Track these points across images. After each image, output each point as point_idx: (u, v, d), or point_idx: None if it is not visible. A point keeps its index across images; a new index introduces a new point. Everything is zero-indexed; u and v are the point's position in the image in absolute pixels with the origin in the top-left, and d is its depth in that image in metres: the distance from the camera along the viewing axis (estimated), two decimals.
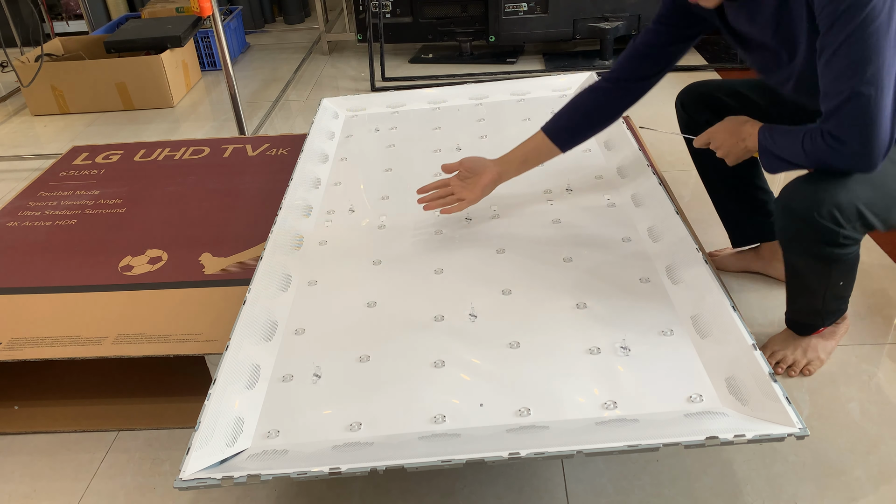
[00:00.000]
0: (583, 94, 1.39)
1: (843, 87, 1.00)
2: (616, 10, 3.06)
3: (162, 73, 3.00)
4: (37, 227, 1.81)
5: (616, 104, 1.37)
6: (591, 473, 1.19)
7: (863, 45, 0.98)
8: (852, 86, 0.99)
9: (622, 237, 1.41)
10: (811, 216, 1.09)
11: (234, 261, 1.60)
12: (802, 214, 1.11)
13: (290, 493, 1.20)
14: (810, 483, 1.14)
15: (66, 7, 4.00)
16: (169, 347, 1.32)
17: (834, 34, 1.00)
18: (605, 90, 1.36)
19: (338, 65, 3.49)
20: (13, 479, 1.29)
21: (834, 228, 1.09)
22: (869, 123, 1.00)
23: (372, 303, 1.31)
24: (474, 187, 1.43)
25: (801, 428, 0.92)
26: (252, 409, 1.10)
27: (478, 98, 2.13)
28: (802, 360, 1.35)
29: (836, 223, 1.09)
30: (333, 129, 2.02)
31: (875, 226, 1.12)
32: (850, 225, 1.09)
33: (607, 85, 1.36)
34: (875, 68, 0.98)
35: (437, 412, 1.06)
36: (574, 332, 1.18)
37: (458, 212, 1.43)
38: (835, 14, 0.99)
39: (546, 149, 1.41)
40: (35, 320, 1.43)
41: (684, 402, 1.03)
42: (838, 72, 1.01)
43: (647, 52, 1.32)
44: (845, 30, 0.98)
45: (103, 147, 2.27)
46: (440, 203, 1.44)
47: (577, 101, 1.39)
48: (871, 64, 0.98)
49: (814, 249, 1.14)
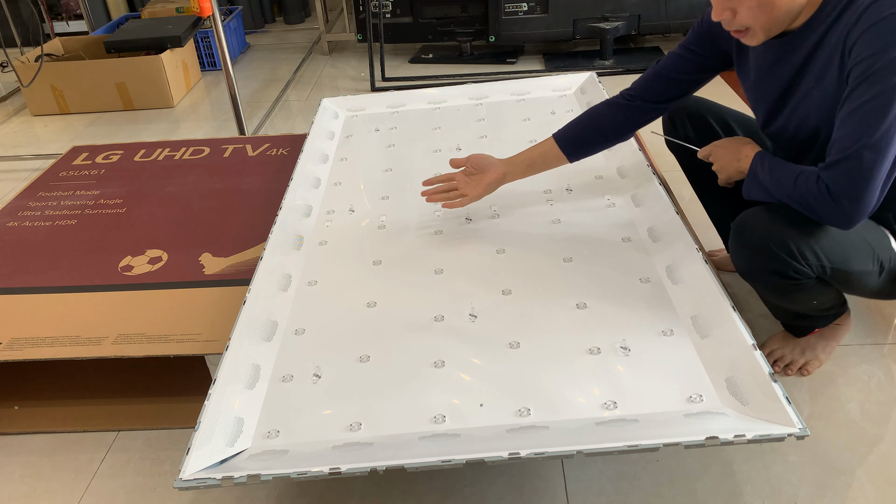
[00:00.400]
0: (599, 108, 1.40)
1: (851, 144, 0.99)
2: (616, 10, 3.06)
3: (162, 73, 3.00)
4: (37, 227, 1.81)
5: (630, 123, 1.38)
6: (591, 473, 1.19)
7: (883, 108, 0.97)
8: (860, 145, 0.99)
9: (622, 237, 1.41)
10: (766, 245, 1.09)
11: (234, 261, 1.60)
12: (756, 241, 1.11)
13: (290, 493, 1.20)
14: (810, 483, 1.14)
15: (66, 7, 4.00)
16: (169, 347, 1.32)
17: (862, 90, 0.98)
18: (623, 107, 1.37)
19: (338, 65, 3.49)
20: (13, 479, 1.29)
21: (787, 260, 1.09)
22: (863, 187, 1.00)
23: (372, 303, 1.31)
24: (478, 184, 1.43)
25: (801, 428, 0.92)
26: (252, 409, 1.10)
27: (478, 98, 2.13)
28: (801, 359, 1.35)
29: (791, 255, 1.08)
30: (333, 129, 2.02)
31: (826, 271, 1.10)
32: (803, 261, 1.09)
33: (625, 102, 1.36)
34: (882, 133, 0.97)
35: (437, 412, 1.06)
36: (574, 332, 1.18)
37: (459, 207, 1.44)
38: (869, 70, 0.97)
39: (554, 156, 1.42)
40: (35, 320, 1.43)
41: (684, 403, 1.03)
42: (853, 127, 0.99)
43: (669, 76, 1.32)
44: (874, 89, 0.97)
45: (103, 147, 2.27)
46: (443, 197, 1.45)
47: (592, 115, 1.40)
48: (881, 129, 0.97)
49: (768, 279, 1.14)
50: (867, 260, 1.12)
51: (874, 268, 1.13)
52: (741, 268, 1.18)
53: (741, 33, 1.09)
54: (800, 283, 1.12)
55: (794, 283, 1.13)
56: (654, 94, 1.34)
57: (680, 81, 1.32)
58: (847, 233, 1.09)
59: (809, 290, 1.15)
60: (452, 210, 1.55)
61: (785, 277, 1.11)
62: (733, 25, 1.07)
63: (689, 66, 1.31)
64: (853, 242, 1.11)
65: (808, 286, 1.14)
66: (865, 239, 1.12)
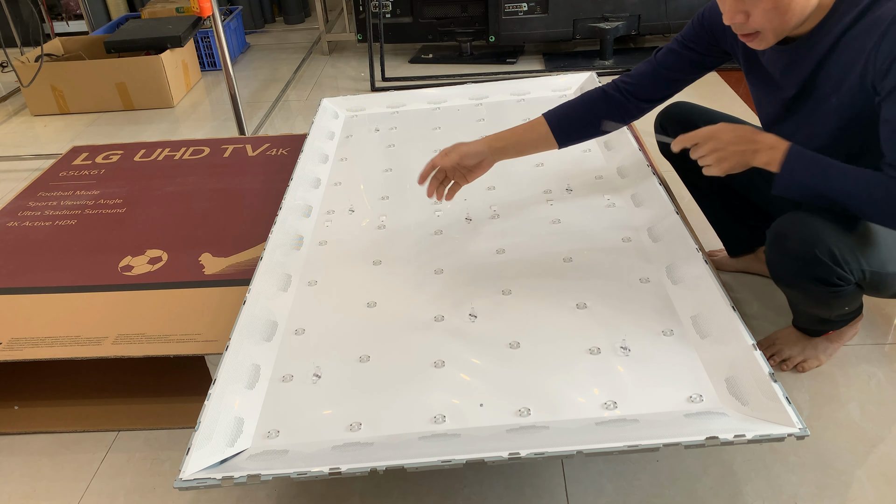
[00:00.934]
0: (595, 100, 1.35)
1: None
2: (616, 10, 3.06)
3: (162, 73, 2.99)
4: (37, 227, 1.81)
5: (626, 119, 1.36)
6: (592, 473, 1.19)
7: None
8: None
9: (622, 237, 1.41)
10: (810, 251, 1.07)
11: (234, 261, 1.60)
12: (799, 248, 1.08)
13: (290, 493, 1.20)
14: (810, 483, 1.14)
15: (66, 7, 4.00)
16: (169, 347, 1.32)
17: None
18: (619, 104, 1.34)
19: (338, 65, 3.49)
20: (13, 479, 1.29)
21: (831, 266, 1.07)
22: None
23: (372, 303, 1.31)
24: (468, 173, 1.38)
25: (801, 428, 0.92)
26: (252, 409, 1.10)
27: (478, 98, 2.13)
28: (799, 357, 1.35)
29: (835, 262, 1.06)
30: (333, 129, 2.02)
31: (865, 276, 1.09)
32: (846, 267, 1.07)
33: (621, 98, 1.34)
34: None
35: (437, 412, 1.06)
36: (574, 332, 1.18)
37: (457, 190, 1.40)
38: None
39: (544, 140, 1.36)
40: (35, 320, 1.43)
41: (684, 403, 1.03)
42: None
43: (667, 75, 1.31)
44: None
45: (103, 147, 2.27)
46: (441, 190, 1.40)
47: (587, 106, 1.36)
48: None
49: (808, 286, 1.12)
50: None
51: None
52: (781, 277, 1.15)
53: (750, 37, 1.07)
54: (840, 290, 1.11)
55: (834, 291, 1.11)
56: (651, 92, 1.33)
57: (677, 80, 1.32)
58: (883, 235, 1.09)
59: (846, 297, 1.13)
60: (452, 210, 1.56)
61: (827, 284, 1.09)
62: (745, 29, 1.05)
63: (687, 65, 1.30)
64: (888, 245, 1.10)
65: (846, 293, 1.12)
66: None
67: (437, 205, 1.59)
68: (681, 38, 1.30)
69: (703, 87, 2.67)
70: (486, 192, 1.62)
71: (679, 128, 1.47)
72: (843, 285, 1.10)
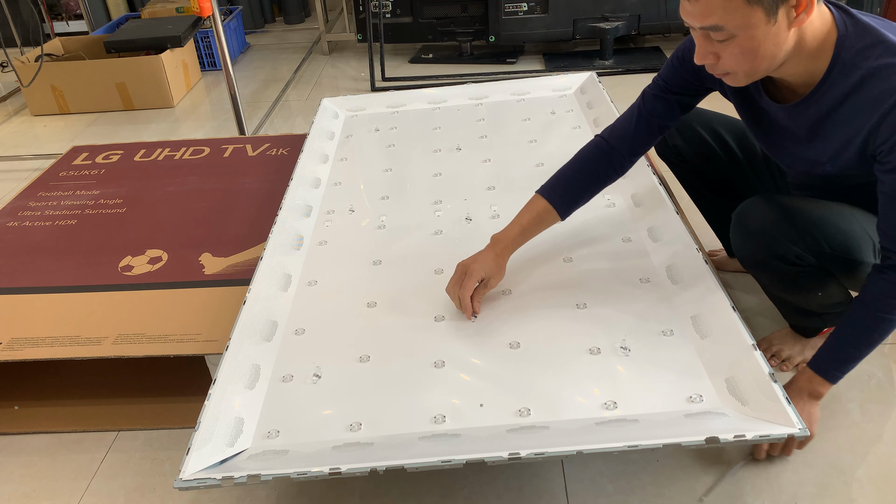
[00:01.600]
0: (590, 161, 1.29)
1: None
2: (616, 10, 3.06)
3: (162, 73, 2.99)
4: (37, 227, 1.81)
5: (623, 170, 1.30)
6: (592, 473, 1.19)
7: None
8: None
9: (622, 237, 1.41)
10: (767, 229, 1.11)
11: (234, 261, 1.60)
12: (757, 226, 1.13)
13: (290, 493, 1.20)
14: (810, 483, 1.14)
15: (66, 7, 4.00)
16: (169, 347, 1.32)
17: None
18: (614, 158, 1.28)
19: (338, 65, 3.49)
20: (13, 479, 1.28)
21: (787, 244, 1.10)
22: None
23: (372, 303, 1.31)
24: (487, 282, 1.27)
25: (801, 428, 0.92)
26: (252, 409, 1.10)
27: (478, 98, 2.13)
28: (799, 357, 1.36)
29: (790, 239, 1.10)
30: (333, 129, 2.02)
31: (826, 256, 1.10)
32: (803, 244, 1.10)
33: (615, 152, 1.27)
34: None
35: (437, 412, 1.06)
36: (574, 332, 1.18)
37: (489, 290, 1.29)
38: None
39: (548, 219, 1.29)
40: (35, 320, 1.43)
41: (684, 403, 1.03)
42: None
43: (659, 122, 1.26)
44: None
45: (103, 147, 2.27)
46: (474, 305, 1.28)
47: (584, 169, 1.29)
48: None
49: (771, 265, 1.15)
50: (868, 251, 1.12)
51: (874, 259, 1.13)
52: (744, 256, 1.19)
53: (723, 76, 1.06)
54: (803, 270, 1.13)
55: (797, 270, 1.13)
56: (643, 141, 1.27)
57: (667, 127, 1.28)
58: (847, 222, 1.11)
59: (813, 280, 1.16)
60: (452, 210, 1.56)
61: (788, 263, 1.12)
62: (717, 70, 1.04)
63: (677, 109, 1.25)
64: (854, 231, 1.12)
65: (810, 274, 1.14)
66: (865, 230, 1.12)
67: (437, 205, 1.59)
68: (663, 84, 1.24)
69: None
70: (486, 192, 1.62)
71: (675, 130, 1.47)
72: (803, 264, 1.12)
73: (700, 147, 1.44)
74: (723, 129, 1.44)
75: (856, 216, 1.13)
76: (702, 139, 1.44)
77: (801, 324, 1.36)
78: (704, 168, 1.46)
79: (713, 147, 1.43)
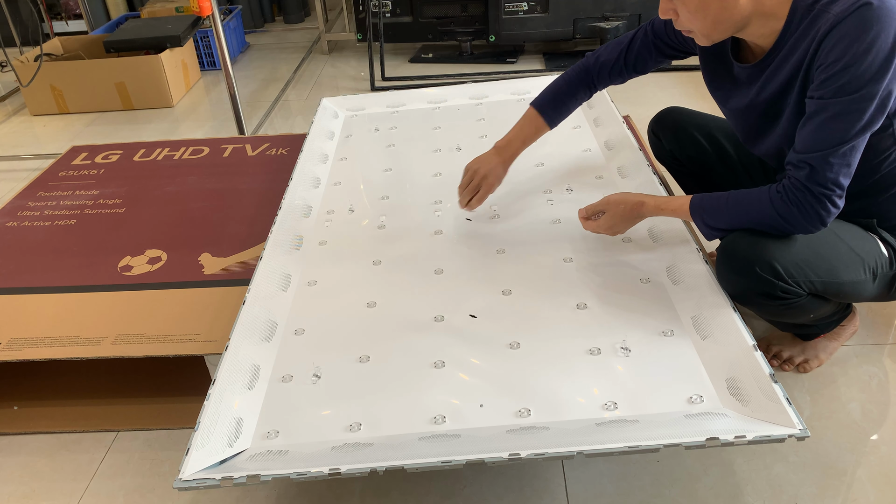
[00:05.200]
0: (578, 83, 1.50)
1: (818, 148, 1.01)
2: (616, 10, 3.06)
3: (161, 73, 2.99)
4: (36, 227, 1.81)
5: (595, 89, 1.49)
6: (592, 474, 1.19)
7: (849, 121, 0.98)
8: (826, 153, 1.00)
9: (622, 237, 1.41)
10: (751, 269, 1.08)
11: (234, 261, 1.60)
12: (741, 266, 1.09)
13: (290, 494, 1.20)
14: (811, 483, 1.14)
15: (66, 7, 4.00)
16: (169, 347, 1.32)
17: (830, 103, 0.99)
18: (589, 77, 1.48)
19: (338, 64, 3.49)
20: (13, 479, 1.28)
21: (773, 281, 1.07)
22: (828, 191, 1.02)
23: (372, 303, 1.31)
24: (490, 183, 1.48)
25: (801, 429, 0.92)
26: (252, 409, 1.10)
27: (478, 98, 2.13)
28: (800, 357, 1.35)
29: (777, 276, 1.07)
30: (333, 129, 2.02)
31: (816, 286, 1.09)
32: (790, 280, 1.07)
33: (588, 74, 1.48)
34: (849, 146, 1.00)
35: (437, 412, 1.06)
36: (574, 332, 1.18)
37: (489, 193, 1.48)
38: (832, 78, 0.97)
39: (542, 128, 1.47)
40: (35, 320, 1.43)
41: (685, 403, 1.03)
42: (820, 137, 1.00)
43: (637, 55, 1.36)
44: (840, 102, 0.97)
45: (103, 147, 2.26)
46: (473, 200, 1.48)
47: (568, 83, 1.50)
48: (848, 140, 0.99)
49: (757, 301, 1.12)
50: (857, 269, 1.11)
51: (866, 276, 1.12)
52: (731, 294, 1.16)
53: (689, 33, 1.10)
54: (790, 302, 1.11)
55: (784, 303, 1.11)
56: (616, 73, 1.42)
57: (648, 62, 1.37)
58: (832, 245, 1.10)
59: (802, 307, 1.13)
60: (452, 210, 1.56)
61: (774, 298, 1.10)
62: (681, 27, 1.09)
63: (652, 56, 1.35)
64: (839, 254, 1.10)
65: (799, 303, 1.12)
66: (852, 249, 1.11)
67: (437, 205, 1.59)
68: (653, 29, 1.33)
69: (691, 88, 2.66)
70: None
71: (671, 134, 1.48)
72: (790, 298, 1.10)
73: (696, 151, 1.45)
74: (719, 133, 1.44)
75: (841, 236, 1.11)
76: (697, 143, 1.45)
77: (797, 332, 1.36)
78: (701, 171, 1.47)
79: (709, 151, 1.44)
